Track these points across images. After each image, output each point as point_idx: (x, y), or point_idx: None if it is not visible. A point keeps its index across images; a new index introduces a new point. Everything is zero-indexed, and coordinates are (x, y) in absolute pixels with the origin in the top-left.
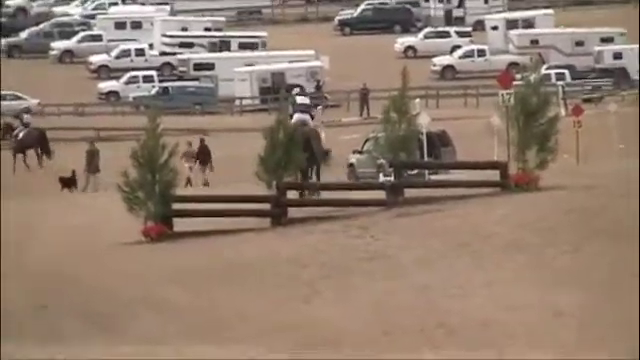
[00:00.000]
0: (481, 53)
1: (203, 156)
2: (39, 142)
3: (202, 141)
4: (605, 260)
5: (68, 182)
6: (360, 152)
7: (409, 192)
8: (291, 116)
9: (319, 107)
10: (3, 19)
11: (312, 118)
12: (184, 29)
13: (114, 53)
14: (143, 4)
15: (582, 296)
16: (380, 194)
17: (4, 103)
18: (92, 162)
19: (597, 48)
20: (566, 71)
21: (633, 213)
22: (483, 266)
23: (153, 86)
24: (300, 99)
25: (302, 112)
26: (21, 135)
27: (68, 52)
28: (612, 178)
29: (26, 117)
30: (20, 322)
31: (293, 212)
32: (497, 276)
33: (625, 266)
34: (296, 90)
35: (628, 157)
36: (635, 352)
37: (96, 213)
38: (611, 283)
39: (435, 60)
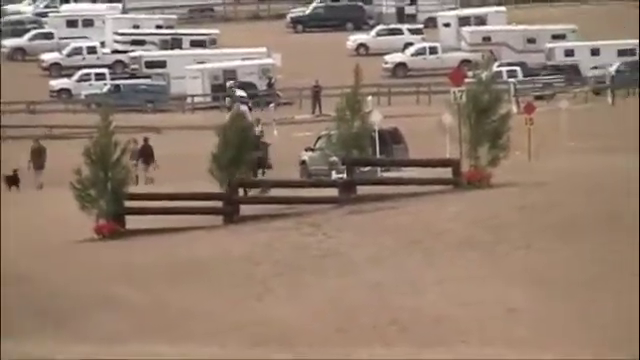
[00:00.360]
0: (433, 50)
1: (146, 155)
2: None
3: (146, 140)
4: (557, 256)
5: (12, 180)
6: (312, 150)
7: (361, 189)
8: (229, 108)
9: (271, 105)
10: None
11: (250, 110)
12: (136, 27)
13: (66, 51)
14: (94, 2)
15: (534, 292)
16: (332, 191)
17: None
18: (38, 160)
19: (549, 45)
20: (518, 68)
21: (583, 208)
22: (435, 263)
23: (105, 84)
24: (239, 92)
25: (242, 104)
26: None
27: (19, 50)
28: (563, 175)
29: None
30: None
31: (245, 210)
32: (449, 273)
33: (576, 262)
34: (230, 83)
35: (578, 154)
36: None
37: (46, 211)
38: (562, 279)
39: (387, 58)
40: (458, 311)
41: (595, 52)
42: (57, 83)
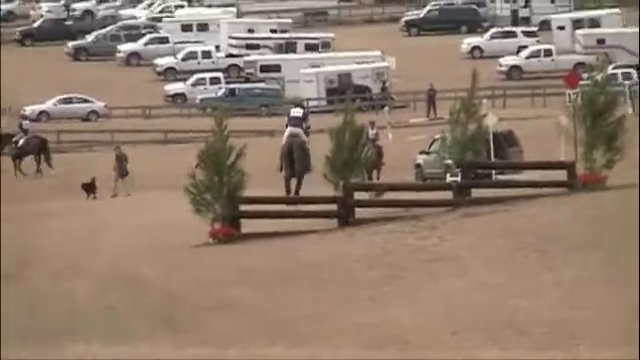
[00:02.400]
0: (548, 53)
1: (120, 167)
2: (39, 149)
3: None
4: None
5: (88, 188)
6: (427, 153)
7: (476, 192)
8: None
9: (386, 108)
10: (70, 22)
11: (308, 128)
12: (250, 31)
13: (181, 55)
14: (210, 6)
15: None
16: (447, 194)
17: (72, 106)
18: (121, 166)
19: None
20: (633, 70)
21: None
22: (552, 266)
23: (220, 88)
24: (294, 112)
25: (294, 125)
26: (21, 142)
27: (135, 54)
28: None
29: (25, 123)
30: (88, 323)
31: (360, 213)
32: (567, 276)
33: None
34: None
35: None
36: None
37: (161, 214)
38: None
39: (501, 60)
40: (575, 314)
41: None
42: (172, 88)
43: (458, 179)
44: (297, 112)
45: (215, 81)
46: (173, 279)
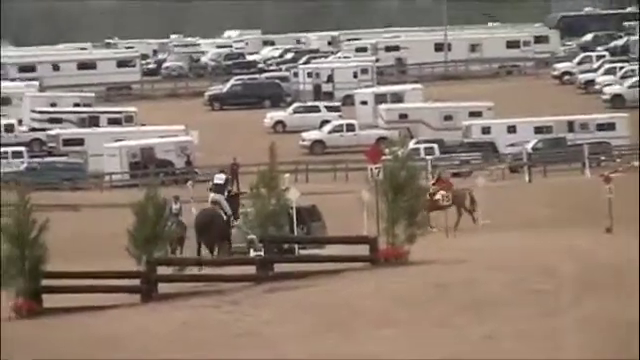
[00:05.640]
0: (350, 128)
1: None
2: None
3: None
4: (475, 333)
5: None
6: None
7: (280, 267)
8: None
9: (189, 182)
10: None
11: (229, 194)
12: (53, 104)
13: None
14: (13, 80)
15: None
16: (251, 269)
17: None
18: None
19: (465, 123)
20: (435, 145)
21: (500, 286)
22: (354, 341)
23: (22, 162)
24: (216, 178)
25: (216, 192)
26: None
27: None
28: (480, 252)
29: None
30: None
31: (165, 288)
32: (368, 350)
33: (495, 339)
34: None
35: (495, 231)
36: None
37: None
38: (482, 355)
39: (304, 135)
40: None
41: (512, 129)
42: None
43: (261, 254)
44: (219, 179)
45: (17, 155)
46: None
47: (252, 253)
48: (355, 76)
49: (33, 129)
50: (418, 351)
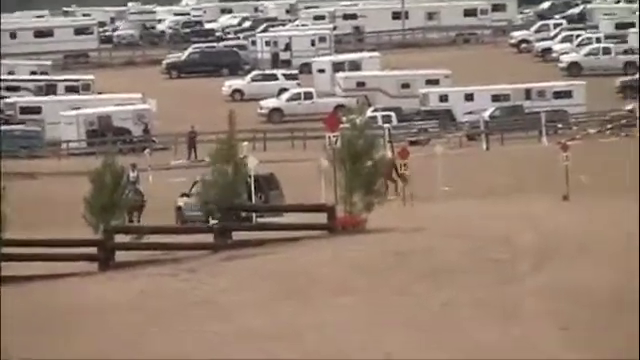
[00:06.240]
0: (308, 96)
1: None
2: None
3: None
4: (433, 301)
5: None
6: (188, 195)
7: (238, 235)
8: None
9: (147, 150)
10: None
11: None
12: (10, 73)
13: None
14: None
15: (411, 338)
16: (209, 237)
17: None
18: None
19: (423, 90)
20: (392, 113)
21: (460, 252)
22: (312, 309)
23: None
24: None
25: None
26: None
27: None
28: (437, 220)
29: None
30: None
31: (122, 256)
32: (326, 319)
33: (454, 306)
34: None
35: (452, 199)
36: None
37: None
38: (440, 323)
39: (262, 103)
40: (337, 357)
41: (469, 97)
42: None
43: (218, 221)
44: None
45: None
46: None
47: (210, 221)
48: (313, 44)
49: None
50: (377, 319)
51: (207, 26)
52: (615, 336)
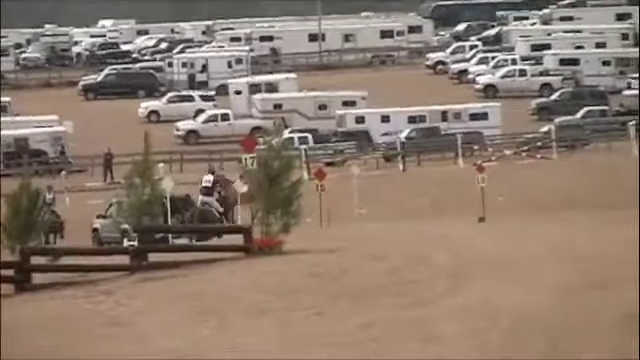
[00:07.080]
0: (224, 117)
1: None
2: None
3: None
4: (351, 321)
5: None
6: (104, 217)
7: (154, 257)
8: None
9: (63, 172)
10: None
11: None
12: None
13: None
14: None
15: (329, 358)
16: (124, 259)
17: None
18: None
19: (339, 112)
20: (309, 135)
21: (376, 273)
22: (228, 331)
23: None
24: (205, 181)
25: (205, 194)
26: None
27: None
28: (353, 241)
29: None
30: None
31: (39, 278)
32: (243, 340)
33: (372, 326)
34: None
35: (368, 221)
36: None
37: None
38: (358, 344)
39: (179, 124)
40: None
41: (385, 119)
42: None
43: (135, 243)
44: (207, 181)
45: None
46: None
47: (125, 243)
48: (229, 66)
49: None
50: (294, 340)
51: (123, 48)
52: (529, 356)
